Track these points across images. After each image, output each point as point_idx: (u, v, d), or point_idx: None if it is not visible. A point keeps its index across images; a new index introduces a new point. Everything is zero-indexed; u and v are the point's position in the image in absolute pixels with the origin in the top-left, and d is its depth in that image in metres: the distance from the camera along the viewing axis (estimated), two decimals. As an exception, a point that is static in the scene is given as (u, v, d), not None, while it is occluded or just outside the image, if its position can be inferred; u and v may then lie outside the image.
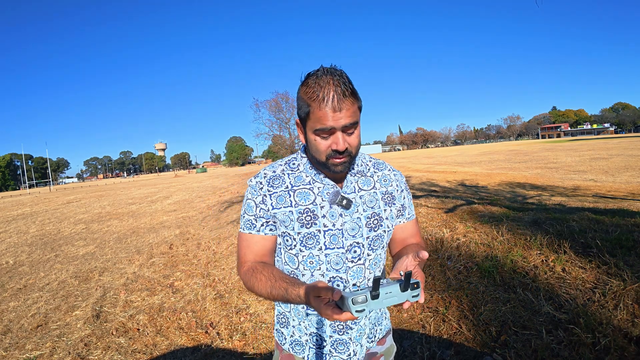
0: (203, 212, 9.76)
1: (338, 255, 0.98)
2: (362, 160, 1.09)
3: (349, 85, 0.88)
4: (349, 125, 0.88)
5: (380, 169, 1.10)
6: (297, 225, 0.98)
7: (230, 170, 63.01)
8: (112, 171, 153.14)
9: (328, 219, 0.98)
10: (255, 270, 0.98)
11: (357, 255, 0.99)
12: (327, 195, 0.99)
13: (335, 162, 0.92)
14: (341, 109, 0.86)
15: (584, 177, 10.99)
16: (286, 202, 1.00)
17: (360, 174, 1.06)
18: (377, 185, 1.06)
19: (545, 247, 3.41)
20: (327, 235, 0.97)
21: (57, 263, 5.77)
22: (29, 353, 2.86)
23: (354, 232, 0.99)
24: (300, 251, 0.99)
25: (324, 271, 0.99)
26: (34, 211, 15.12)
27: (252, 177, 1.07)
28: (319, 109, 0.87)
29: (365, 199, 1.03)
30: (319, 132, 0.89)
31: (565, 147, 32.45)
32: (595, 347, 2.06)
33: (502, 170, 15.23)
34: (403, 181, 1.13)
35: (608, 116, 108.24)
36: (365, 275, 1.01)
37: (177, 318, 3.23)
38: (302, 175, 1.03)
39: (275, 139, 36.06)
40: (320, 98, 0.87)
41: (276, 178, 1.03)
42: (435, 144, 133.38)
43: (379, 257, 1.04)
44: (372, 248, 1.01)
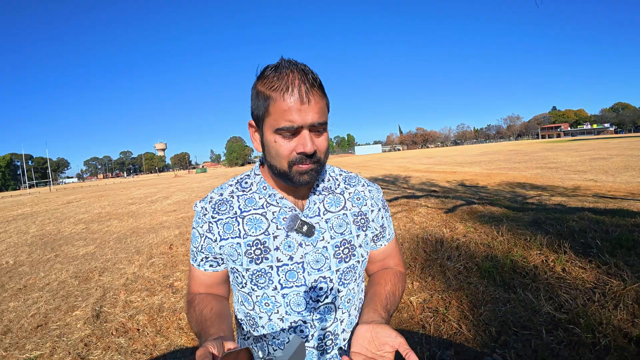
0: (203, 212, 9.76)
1: (299, 295, 0.79)
2: (330, 174, 0.91)
3: (317, 79, 0.74)
4: (318, 124, 0.73)
5: (353, 185, 0.92)
6: (246, 260, 0.80)
7: (230, 171, 63.01)
8: (112, 171, 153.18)
9: (282, 251, 0.79)
10: (191, 304, 0.85)
11: (324, 293, 0.81)
12: (284, 220, 0.81)
13: (301, 168, 0.75)
14: (309, 101, 0.71)
15: (584, 177, 10.99)
16: (234, 231, 0.82)
17: (327, 191, 0.87)
18: (348, 205, 0.87)
19: (545, 247, 3.41)
20: (281, 272, 0.79)
21: (57, 263, 5.77)
22: (29, 353, 2.86)
23: (319, 264, 0.81)
24: (252, 290, 0.82)
25: (282, 315, 0.80)
26: (34, 211, 15.12)
27: (199, 200, 0.90)
28: (282, 101, 0.71)
29: (333, 222, 0.84)
30: (281, 131, 0.72)
31: (565, 147, 32.45)
32: (595, 347, 2.06)
33: (502, 170, 15.23)
34: (380, 197, 0.94)
35: (608, 116, 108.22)
36: (337, 316, 0.83)
37: (177, 318, 3.23)
38: (254, 197, 0.85)
39: (275, 139, 35.90)
40: (283, 87, 0.71)
41: (223, 202, 0.85)
42: (435, 144, 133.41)
43: (352, 292, 0.86)
44: (342, 282, 0.83)
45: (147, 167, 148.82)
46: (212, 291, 0.90)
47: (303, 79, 0.71)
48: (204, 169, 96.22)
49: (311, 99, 0.71)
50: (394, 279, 0.91)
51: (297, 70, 0.72)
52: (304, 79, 0.71)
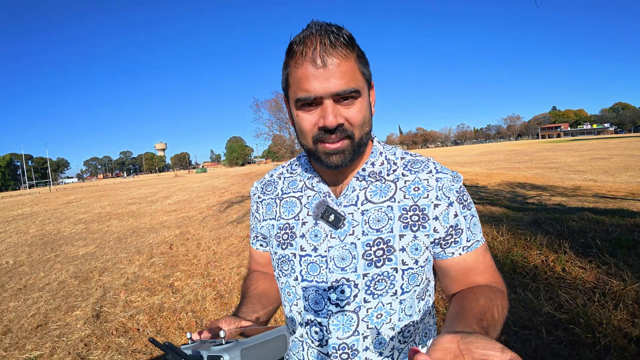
0: (203, 212, 9.76)
1: (318, 292, 0.69)
2: (387, 156, 0.75)
3: (345, 34, 0.60)
4: (345, 91, 0.60)
5: (415, 171, 0.71)
6: (275, 243, 0.76)
7: (230, 170, 63.02)
8: (112, 171, 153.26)
9: (308, 240, 0.71)
10: (245, 280, 0.87)
11: (345, 298, 0.67)
12: (314, 207, 0.73)
13: (327, 147, 0.64)
14: (326, 63, 0.58)
15: (584, 177, 10.99)
16: (272, 212, 0.79)
17: (374, 178, 0.71)
18: (397, 196, 0.69)
19: (545, 247, 3.41)
20: (303, 263, 0.71)
21: (57, 263, 5.77)
22: (29, 353, 2.86)
23: (344, 263, 0.68)
24: (278, 277, 0.77)
25: (300, 309, 0.72)
26: (34, 211, 15.12)
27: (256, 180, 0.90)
28: (296, 67, 0.61)
29: (371, 215, 0.68)
30: (301, 103, 0.62)
31: (565, 147, 32.46)
32: (595, 347, 2.06)
33: (502, 170, 15.23)
34: (455, 188, 0.69)
35: (608, 116, 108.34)
36: (358, 329, 0.68)
37: (177, 318, 3.23)
38: (297, 179, 0.79)
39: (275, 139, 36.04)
40: (299, 51, 0.60)
41: (270, 183, 0.83)
42: (435, 144, 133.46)
43: (386, 307, 0.67)
44: (371, 292, 0.67)
45: (147, 167, 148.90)
46: (267, 270, 0.87)
47: (324, 40, 0.59)
48: (204, 169, 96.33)
49: (329, 61, 0.58)
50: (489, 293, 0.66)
51: (318, 31, 0.60)
52: (325, 39, 0.59)
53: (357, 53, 0.63)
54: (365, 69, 0.65)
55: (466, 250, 0.70)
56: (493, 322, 0.59)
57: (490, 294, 0.66)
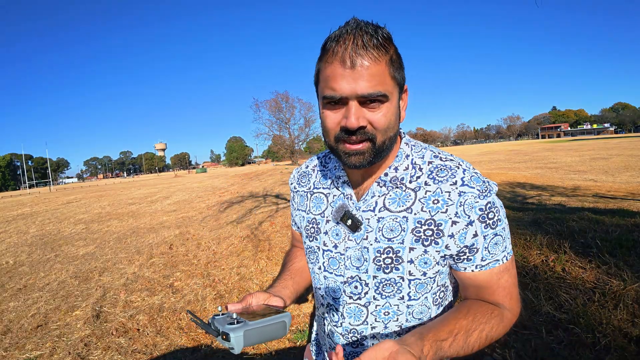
0: (203, 212, 9.76)
1: (336, 284, 0.78)
2: (414, 159, 0.72)
3: (381, 35, 0.60)
4: (371, 94, 0.59)
5: (439, 180, 0.69)
6: (304, 234, 0.85)
7: (230, 170, 62.99)
8: (112, 171, 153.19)
9: (330, 237, 0.78)
10: (287, 255, 0.99)
11: (357, 293, 0.75)
12: (334, 208, 0.78)
13: (347, 148, 0.64)
14: (355, 64, 0.58)
15: (584, 177, 10.99)
16: (304, 205, 0.86)
17: (394, 184, 0.71)
18: (415, 207, 0.68)
19: (545, 247, 3.41)
20: (325, 256, 0.79)
21: (57, 263, 5.77)
22: (29, 353, 2.86)
23: (359, 263, 0.73)
24: (307, 262, 0.87)
25: (323, 293, 0.82)
26: (34, 211, 15.12)
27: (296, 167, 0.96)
28: (326, 65, 0.62)
29: (385, 224, 0.70)
30: (327, 100, 0.63)
31: (565, 147, 32.46)
32: (595, 347, 2.06)
33: (502, 170, 15.22)
34: (478, 206, 0.66)
35: (608, 116, 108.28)
36: (368, 320, 0.75)
37: (177, 318, 3.23)
38: (327, 175, 0.83)
39: (275, 139, 35.96)
40: (331, 48, 0.60)
41: (305, 175, 0.89)
42: (435, 144, 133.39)
43: (393, 308, 0.73)
44: (380, 293, 0.73)
45: (147, 167, 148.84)
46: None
47: (357, 40, 0.58)
48: (204, 169, 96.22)
49: (359, 62, 0.58)
50: (480, 316, 0.67)
51: (356, 30, 0.59)
52: (359, 40, 0.58)
53: (391, 56, 0.62)
54: (398, 72, 0.64)
55: (479, 268, 0.69)
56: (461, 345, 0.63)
57: (482, 317, 0.67)
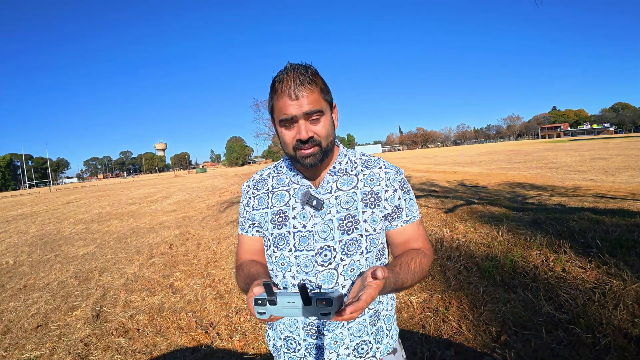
0: (203, 212, 9.76)
1: (307, 258, 0.94)
2: (349, 157, 1.03)
3: (310, 73, 0.88)
4: (311, 112, 0.87)
5: (370, 167, 1.01)
6: (270, 226, 0.99)
7: (230, 170, 62.99)
8: (112, 171, 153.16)
9: (298, 220, 0.96)
10: (240, 268, 1.03)
11: (328, 260, 0.93)
12: (300, 196, 0.98)
13: (302, 153, 0.90)
14: (298, 96, 0.86)
15: (584, 177, 10.99)
16: (264, 203, 1.02)
17: (341, 173, 1.00)
18: (359, 185, 0.98)
19: (545, 247, 3.41)
20: (296, 237, 0.95)
21: (57, 263, 5.77)
22: (29, 353, 2.86)
23: (325, 234, 0.94)
24: (273, 252, 0.99)
25: (294, 273, 0.96)
26: (34, 211, 15.12)
27: (246, 180, 1.12)
28: (278, 99, 0.88)
29: (342, 199, 0.96)
30: (282, 123, 0.89)
31: (565, 147, 32.45)
32: (595, 347, 2.06)
33: (502, 170, 15.22)
34: (398, 179, 1.00)
35: (608, 116, 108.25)
36: (338, 281, 0.94)
37: (177, 318, 3.23)
38: (283, 177, 1.04)
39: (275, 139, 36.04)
40: (279, 88, 0.88)
41: (261, 181, 1.07)
42: (435, 144, 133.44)
43: (356, 263, 0.95)
44: (345, 253, 0.94)
45: (147, 167, 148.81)
46: (255, 258, 1.07)
47: (296, 79, 0.86)
48: (204, 169, 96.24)
49: (300, 95, 0.86)
50: (411, 253, 0.95)
51: (293, 71, 0.87)
52: (296, 77, 0.86)
53: (320, 87, 0.90)
54: (327, 95, 0.92)
55: (406, 222, 1.00)
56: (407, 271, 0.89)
57: (414, 254, 0.95)
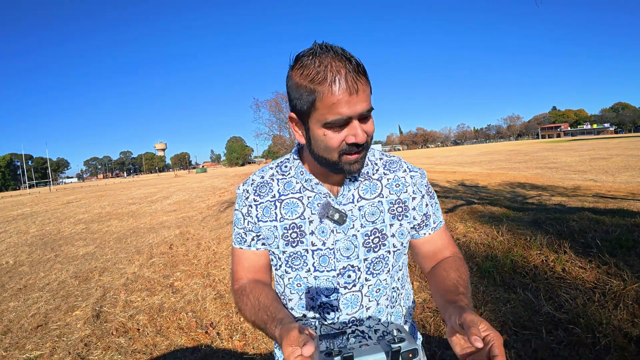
0: (203, 212, 9.76)
1: (328, 280, 0.81)
2: (369, 158, 0.88)
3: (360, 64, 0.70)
4: (367, 112, 0.71)
5: (393, 170, 0.87)
6: (282, 243, 0.83)
7: (230, 170, 63.00)
8: (112, 171, 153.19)
9: (317, 236, 0.81)
10: (244, 292, 0.84)
11: (352, 281, 0.82)
12: (318, 206, 0.82)
13: (350, 159, 0.74)
14: (358, 90, 0.67)
15: (584, 177, 10.99)
16: (271, 214, 0.84)
17: (363, 177, 0.85)
18: (384, 192, 0.84)
19: (545, 247, 3.41)
20: (315, 256, 0.81)
21: (57, 263, 5.77)
22: (29, 353, 2.86)
23: (348, 252, 0.81)
24: (285, 272, 0.85)
25: (313, 295, 0.83)
26: (34, 211, 15.12)
27: (241, 183, 0.91)
28: (330, 94, 0.67)
29: (366, 210, 0.83)
30: (331, 125, 0.70)
31: (565, 147, 32.45)
32: (595, 347, 2.06)
33: (502, 170, 15.22)
34: (424, 183, 0.88)
35: (608, 116, 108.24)
36: (362, 303, 0.83)
37: (177, 318, 3.23)
38: (292, 181, 0.86)
39: (275, 139, 36.05)
40: (330, 80, 0.66)
41: (263, 185, 0.87)
42: (435, 144, 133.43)
43: (382, 283, 0.84)
44: (371, 272, 0.83)
45: (147, 167, 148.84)
46: (258, 277, 0.89)
47: (348, 67, 0.67)
48: (204, 169, 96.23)
49: (359, 88, 0.68)
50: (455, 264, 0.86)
51: (340, 58, 0.67)
52: (350, 67, 0.67)
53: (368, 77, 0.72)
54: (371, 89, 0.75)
55: (434, 230, 0.90)
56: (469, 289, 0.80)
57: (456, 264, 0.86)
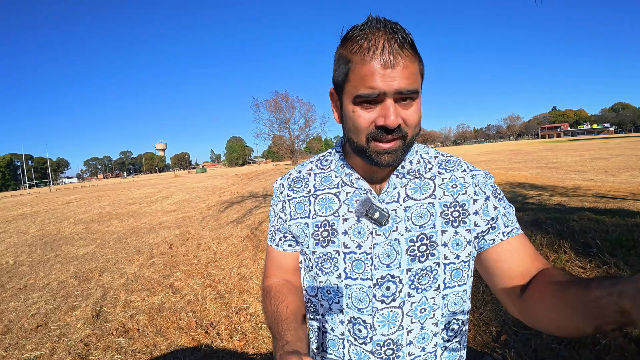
0: (203, 212, 9.77)
1: (362, 290, 0.70)
2: (422, 155, 0.77)
3: (410, 38, 0.61)
4: (407, 92, 0.60)
5: (450, 170, 0.75)
6: (312, 242, 0.74)
7: (230, 170, 63.01)
8: (112, 171, 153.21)
9: (351, 237, 0.71)
10: (268, 294, 0.79)
11: (391, 294, 0.69)
12: (356, 203, 0.72)
13: (380, 147, 0.63)
14: (395, 64, 0.59)
15: (584, 177, 10.99)
16: (304, 211, 0.76)
17: (412, 175, 0.73)
18: (437, 193, 0.72)
19: (545, 247, 3.41)
20: (347, 260, 0.71)
21: (57, 263, 5.77)
22: (29, 353, 2.86)
23: (389, 259, 0.69)
24: (317, 275, 0.75)
25: (342, 306, 0.72)
26: (34, 211, 15.12)
27: (279, 177, 0.85)
28: (362, 64, 0.60)
29: (413, 212, 0.70)
30: (361, 99, 0.62)
31: (565, 147, 32.45)
32: (595, 347, 2.06)
33: (502, 170, 15.22)
34: (489, 184, 0.74)
35: (608, 116, 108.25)
36: (402, 324, 0.70)
37: (177, 318, 3.23)
38: (331, 175, 0.78)
39: (275, 139, 35.98)
40: (365, 47, 0.60)
41: (299, 180, 0.80)
42: (435, 144, 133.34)
43: (429, 302, 0.70)
44: (415, 287, 0.69)
45: (147, 167, 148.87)
46: (289, 277, 0.82)
47: (389, 37, 0.60)
48: (204, 169, 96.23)
49: (398, 62, 0.59)
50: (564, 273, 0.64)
51: (384, 29, 0.60)
52: (391, 37, 0.60)
53: (419, 56, 0.64)
54: (422, 66, 0.65)
55: (507, 235, 0.70)
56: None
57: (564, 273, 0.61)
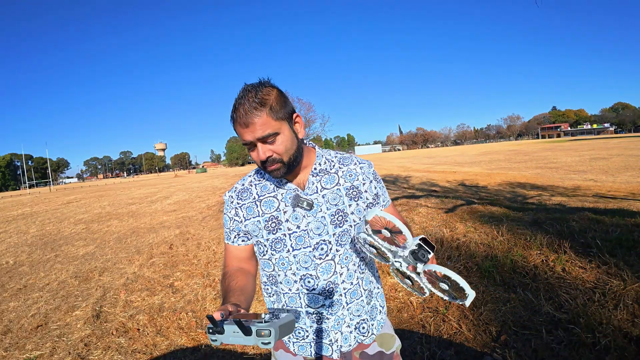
0: (203, 212, 9.77)
1: (306, 254, 1.03)
2: (326, 157, 1.11)
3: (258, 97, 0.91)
4: (263, 137, 0.92)
5: (346, 164, 1.11)
6: (265, 232, 1.05)
7: (230, 171, 62.99)
8: (112, 171, 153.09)
9: (292, 222, 1.03)
10: (225, 277, 1.06)
11: (325, 252, 1.03)
12: (290, 199, 1.04)
13: (268, 170, 0.98)
14: (248, 123, 0.91)
15: (584, 177, 10.99)
16: (254, 212, 1.07)
17: (323, 173, 1.08)
18: (341, 181, 1.08)
19: (545, 247, 3.41)
20: (292, 238, 1.03)
21: (57, 263, 5.77)
22: (29, 353, 2.86)
23: (319, 230, 1.03)
24: (272, 255, 1.06)
25: (294, 270, 1.04)
26: (34, 211, 15.12)
27: (227, 191, 1.15)
28: (235, 126, 0.95)
29: (328, 197, 1.05)
30: (245, 146, 0.97)
31: (565, 147, 32.44)
32: (595, 347, 2.06)
33: (502, 170, 15.22)
34: (371, 171, 1.13)
35: (608, 116, 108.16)
36: (336, 270, 1.04)
37: (177, 318, 3.23)
38: (267, 184, 1.09)
39: (275, 139, 35.72)
40: (233, 116, 0.94)
41: (244, 191, 1.10)
42: (435, 144, 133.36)
43: (349, 251, 1.06)
44: (340, 243, 1.04)
45: (147, 167, 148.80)
46: (243, 265, 1.11)
47: (244, 104, 0.91)
48: (204, 169, 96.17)
49: (250, 122, 0.90)
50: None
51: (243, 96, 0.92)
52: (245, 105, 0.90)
53: (270, 106, 0.92)
54: (280, 113, 0.94)
55: (383, 206, 1.14)
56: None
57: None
